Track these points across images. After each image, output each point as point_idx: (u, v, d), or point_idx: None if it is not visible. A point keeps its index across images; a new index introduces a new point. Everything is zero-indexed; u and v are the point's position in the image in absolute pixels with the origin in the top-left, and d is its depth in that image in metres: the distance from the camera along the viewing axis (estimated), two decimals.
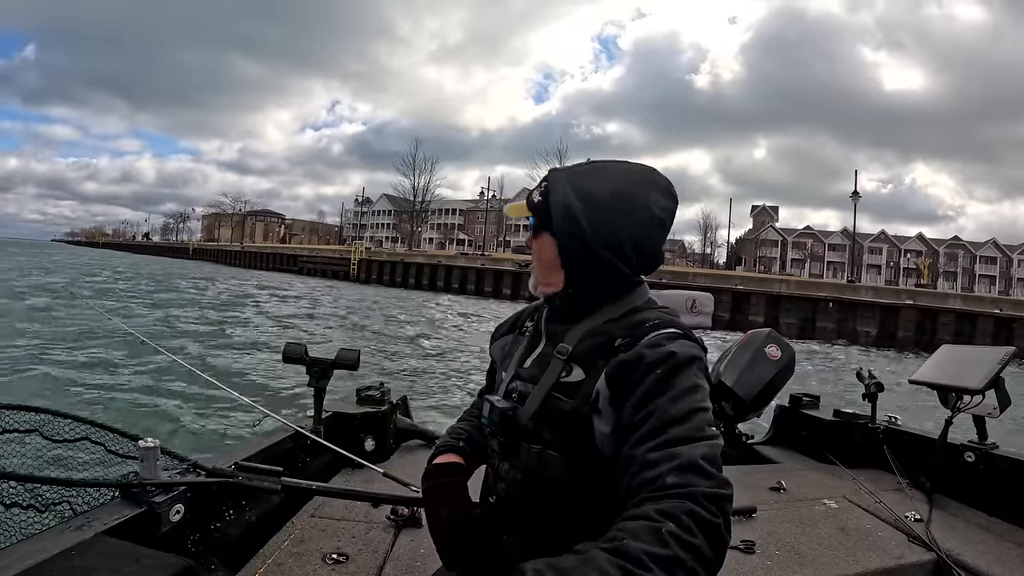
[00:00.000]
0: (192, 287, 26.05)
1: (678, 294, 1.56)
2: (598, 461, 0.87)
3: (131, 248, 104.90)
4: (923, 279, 55.11)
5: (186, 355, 8.40)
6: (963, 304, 21.68)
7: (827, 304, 22.30)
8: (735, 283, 25.72)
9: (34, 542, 1.12)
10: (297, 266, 47.70)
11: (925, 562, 1.78)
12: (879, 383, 2.64)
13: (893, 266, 63.72)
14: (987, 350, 2.28)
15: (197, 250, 76.55)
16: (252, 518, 1.67)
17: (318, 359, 2.14)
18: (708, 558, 0.66)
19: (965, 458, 2.19)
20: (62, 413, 1.42)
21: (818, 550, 1.82)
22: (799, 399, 2.94)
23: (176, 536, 1.37)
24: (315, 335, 13.25)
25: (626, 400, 0.83)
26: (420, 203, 65.29)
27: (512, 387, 1.02)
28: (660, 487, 0.71)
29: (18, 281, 22.68)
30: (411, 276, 36.91)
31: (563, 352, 0.95)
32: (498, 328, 1.20)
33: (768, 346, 2.22)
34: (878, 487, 2.26)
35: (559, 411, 0.91)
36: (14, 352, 8.75)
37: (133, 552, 1.14)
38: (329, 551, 1.64)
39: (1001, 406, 2.13)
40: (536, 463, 0.93)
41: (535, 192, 1.01)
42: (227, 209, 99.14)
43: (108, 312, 8.24)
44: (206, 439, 5.24)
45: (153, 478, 1.35)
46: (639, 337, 0.88)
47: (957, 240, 64.05)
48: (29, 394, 6.39)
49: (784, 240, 67.61)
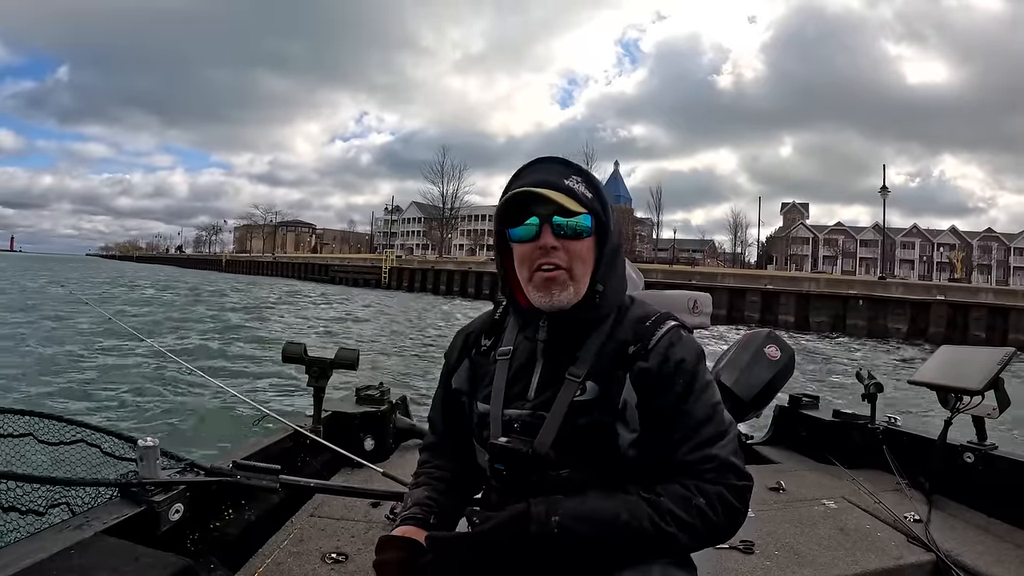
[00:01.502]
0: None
1: (678, 294, 1.56)
2: (620, 465, 0.88)
3: (164, 261, 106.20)
4: (956, 273, 54.41)
5: (186, 355, 8.39)
6: (995, 298, 21.30)
7: (857, 302, 22.11)
8: (764, 282, 25.59)
9: (34, 541, 1.12)
10: (328, 275, 48.14)
11: (924, 563, 1.78)
12: (878, 384, 2.64)
13: (926, 260, 62.92)
14: (987, 351, 2.28)
15: (230, 262, 77.72)
16: (251, 517, 1.67)
17: (317, 359, 2.14)
18: (717, 532, 0.85)
19: (964, 459, 2.19)
20: (57, 416, 1.42)
21: (817, 550, 1.82)
22: (798, 399, 2.94)
23: (175, 535, 1.37)
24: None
25: (652, 404, 0.88)
26: (449, 210, 65.48)
27: (510, 417, 0.93)
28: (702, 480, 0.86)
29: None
30: (442, 283, 36.92)
31: (577, 374, 0.90)
32: (448, 356, 1.08)
33: (767, 346, 2.21)
34: (877, 488, 2.26)
35: (580, 429, 0.88)
36: (15, 352, 8.75)
37: (132, 551, 1.14)
38: (328, 550, 1.64)
39: (1000, 407, 2.13)
40: (558, 486, 0.88)
41: (577, 186, 0.90)
42: (258, 221, 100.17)
43: (109, 313, 8.23)
44: (205, 439, 5.22)
45: (152, 477, 1.35)
46: (647, 338, 0.91)
47: (991, 232, 63.06)
48: (29, 395, 6.39)
49: (815, 237, 67.04)
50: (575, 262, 0.89)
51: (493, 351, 1.01)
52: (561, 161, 0.94)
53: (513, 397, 0.94)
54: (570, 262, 0.89)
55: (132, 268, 70.83)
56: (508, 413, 0.93)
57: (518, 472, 0.88)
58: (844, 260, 64.87)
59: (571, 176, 0.91)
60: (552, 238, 0.88)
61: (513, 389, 0.95)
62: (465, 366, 1.04)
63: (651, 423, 0.88)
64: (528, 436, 0.90)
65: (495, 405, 0.95)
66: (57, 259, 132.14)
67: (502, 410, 0.94)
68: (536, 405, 0.92)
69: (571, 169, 0.93)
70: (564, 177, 0.90)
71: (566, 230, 0.89)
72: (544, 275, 0.89)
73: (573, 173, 0.92)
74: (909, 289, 23.98)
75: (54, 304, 15.26)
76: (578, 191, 0.90)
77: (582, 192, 0.90)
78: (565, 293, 0.89)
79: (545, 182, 0.89)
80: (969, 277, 53.94)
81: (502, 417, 0.94)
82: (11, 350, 9.00)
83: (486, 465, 0.93)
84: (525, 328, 0.98)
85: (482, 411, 0.98)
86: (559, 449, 0.88)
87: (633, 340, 0.91)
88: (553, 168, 0.93)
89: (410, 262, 45.82)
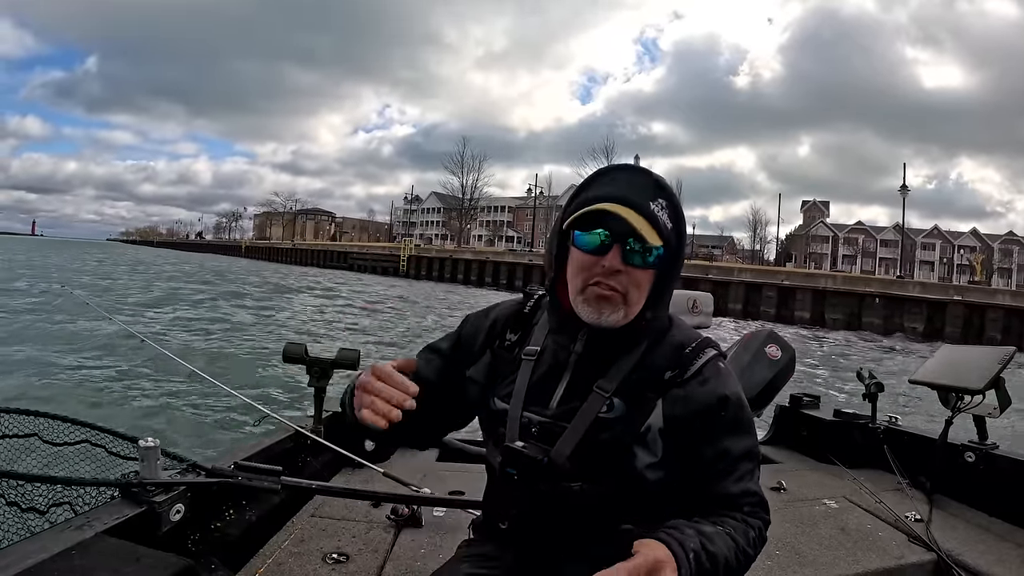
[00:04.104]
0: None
1: (679, 294, 1.55)
2: (636, 485, 0.87)
3: (184, 247, 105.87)
4: (976, 276, 53.97)
5: (186, 354, 8.39)
6: (1012, 300, 21.47)
7: (873, 300, 22.14)
8: (781, 278, 25.60)
9: (34, 541, 1.12)
10: (348, 263, 48.19)
11: (925, 562, 1.78)
12: (879, 383, 2.64)
13: (947, 262, 62.20)
14: (988, 350, 2.28)
15: (249, 248, 78.51)
16: (252, 518, 1.67)
17: (318, 359, 2.14)
18: (752, 560, 0.85)
19: (965, 458, 2.19)
20: (61, 416, 1.42)
21: (818, 550, 1.81)
22: (799, 399, 2.94)
23: (176, 536, 1.37)
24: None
25: (688, 433, 0.87)
26: (469, 200, 65.27)
27: (529, 420, 0.91)
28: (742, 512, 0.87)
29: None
30: (459, 272, 37.10)
31: (606, 389, 0.88)
32: (468, 336, 1.03)
33: (768, 346, 2.21)
34: (878, 487, 2.26)
35: (599, 445, 0.87)
36: (14, 354, 8.76)
37: (133, 552, 1.14)
38: (329, 551, 1.64)
39: (1001, 406, 2.13)
40: (569, 497, 0.88)
41: (661, 212, 0.84)
42: (279, 208, 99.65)
43: (107, 311, 8.23)
44: (206, 439, 5.22)
45: (153, 478, 1.35)
46: (685, 366, 0.89)
47: (1012, 235, 62.18)
48: (29, 396, 6.39)
49: (835, 236, 66.38)
50: (632, 288, 0.85)
51: (518, 347, 0.97)
52: (650, 176, 0.87)
53: (534, 400, 0.92)
54: (627, 287, 0.85)
55: (151, 253, 70.82)
56: (527, 416, 0.91)
57: (529, 479, 0.86)
58: (864, 260, 64.32)
59: (656, 199, 0.85)
60: (619, 261, 0.83)
61: (535, 392, 0.92)
62: (486, 358, 1.00)
63: (685, 451, 0.87)
64: (545, 443, 0.88)
65: (515, 406, 0.92)
66: (77, 244, 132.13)
67: (521, 411, 0.92)
68: (558, 414, 0.89)
69: (657, 189, 0.86)
70: (650, 198, 0.84)
71: (636, 258, 0.84)
72: (598, 292, 0.85)
73: (659, 195, 0.85)
74: (926, 289, 24.02)
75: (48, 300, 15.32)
76: (660, 219, 0.83)
77: (664, 221, 0.84)
78: (615, 315, 0.86)
79: (628, 200, 0.83)
80: (989, 280, 53.65)
81: (521, 419, 0.91)
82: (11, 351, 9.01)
83: (496, 464, 0.92)
84: (558, 332, 0.94)
85: (499, 408, 0.95)
86: (575, 461, 0.86)
87: (670, 366, 0.89)
88: (640, 183, 0.86)
89: (428, 251, 46.01)
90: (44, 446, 1.36)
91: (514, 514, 0.91)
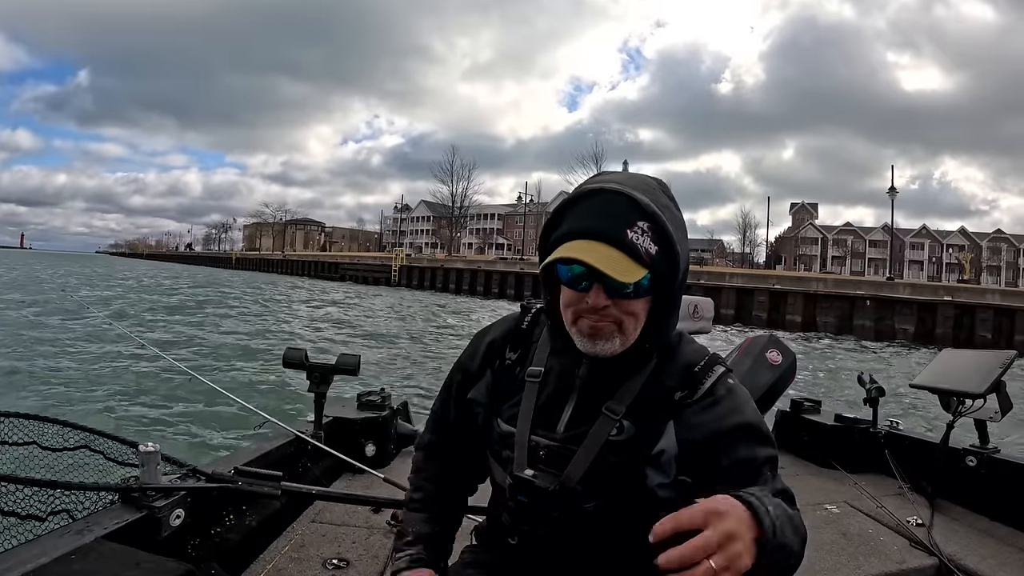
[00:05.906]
0: None
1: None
2: (650, 502, 0.84)
3: (174, 259, 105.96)
4: (965, 275, 53.99)
5: (187, 360, 8.39)
6: (1002, 299, 21.25)
7: (864, 302, 22.06)
8: (772, 282, 25.51)
9: (34, 546, 1.12)
10: (338, 273, 47.91)
11: (927, 567, 1.78)
12: (880, 388, 2.64)
13: (935, 262, 62.47)
14: (988, 354, 2.28)
15: (240, 259, 78.28)
16: (252, 523, 1.66)
17: (318, 364, 2.14)
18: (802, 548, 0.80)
19: (967, 462, 2.19)
20: (60, 421, 1.42)
21: (820, 555, 1.81)
22: (800, 404, 2.94)
23: (176, 541, 1.37)
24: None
25: (704, 458, 0.83)
26: (458, 208, 65.58)
27: (536, 443, 0.88)
28: None
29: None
30: (451, 281, 37.04)
31: (616, 412, 0.85)
32: (467, 361, 1.01)
33: (769, 351, 2.21)
34: (880, 492, 2.26)
35: (609, 466, 0.85)
36: (14, 356, 8.76)
37: (133, 557, 1.14)
38: (329, 556, 1.64)
39: (1003, 410, 2.13)
40: (581, 518, 0.86)
41: (641, 238, 0.76)
42: (268, 219, 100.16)
43: (109, 318, 8.25)
44: (206, 444, 5.22)
45: (153, 483, 1.35)
46: (695, 386, 0.86)
47: (1000, 233, 62.49)
48: (30, 400, 6.39)
49: (824, 238, 66.64)
50: (627, 317, 0.81)
51: (519, 367, 0.94)
52: (628, 198, 0.77)
53: (540, 423, 0.89)
54: (621, 317, 0.81)
55: (144, 266, 70.97)
56: (535, 439, 0.88)
57: (540, 507, 0.85)
58: (853, 261, 64.56)
59: (635, 224, 0.76)
60: (603, 297, 0.78)
61: (542, 415, 0.89)
62: (487, 378, 0.97)
63: (704, 472, 0.84)
64: (554, 467, 0.86)
65: (522, 431, 0.89)
66: (67, 256, 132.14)
67: (528, 436, 0.89)
68: (566, 438, 0.87)
69: (638, 213, 0.76)
70: (628, 225, 0.76)
71: (619, 292, 0.79)
72: (590, 324, 0.81)
73: (639, 219, 0.76)
74: (916, 290, 23.91)
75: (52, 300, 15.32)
76: (641, 247, 0.75)
77: (646, 249, 0.76)
78: (610, 344, 0.82)
79: (600, 234, 0.75)
80: (978, 279, 53.64)
81: (528, 443, 0.89)
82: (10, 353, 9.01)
83: (505, 487, 0.90)
84: (561, 354, 0.90)
85: (504, 431, 0.92)
86: (586, 484, 0.85)
87: (680, 386, 0.87)
88: (615, 211, 0.77)
89: (419, 260, 45.87)
90: (43, 451, 1.36)
91: (525, 530, 0.90)
